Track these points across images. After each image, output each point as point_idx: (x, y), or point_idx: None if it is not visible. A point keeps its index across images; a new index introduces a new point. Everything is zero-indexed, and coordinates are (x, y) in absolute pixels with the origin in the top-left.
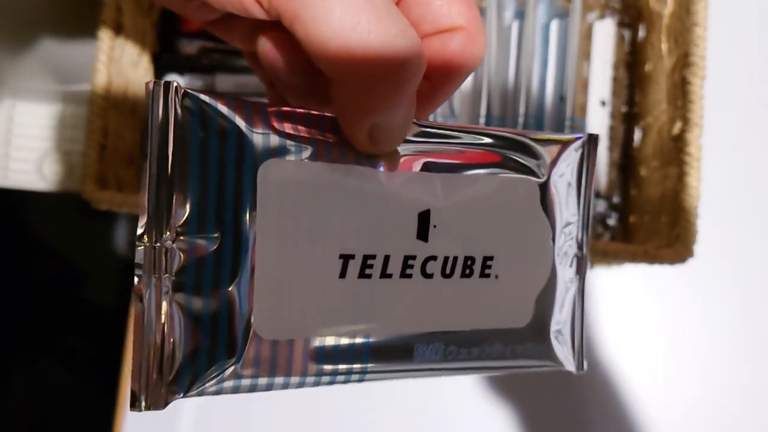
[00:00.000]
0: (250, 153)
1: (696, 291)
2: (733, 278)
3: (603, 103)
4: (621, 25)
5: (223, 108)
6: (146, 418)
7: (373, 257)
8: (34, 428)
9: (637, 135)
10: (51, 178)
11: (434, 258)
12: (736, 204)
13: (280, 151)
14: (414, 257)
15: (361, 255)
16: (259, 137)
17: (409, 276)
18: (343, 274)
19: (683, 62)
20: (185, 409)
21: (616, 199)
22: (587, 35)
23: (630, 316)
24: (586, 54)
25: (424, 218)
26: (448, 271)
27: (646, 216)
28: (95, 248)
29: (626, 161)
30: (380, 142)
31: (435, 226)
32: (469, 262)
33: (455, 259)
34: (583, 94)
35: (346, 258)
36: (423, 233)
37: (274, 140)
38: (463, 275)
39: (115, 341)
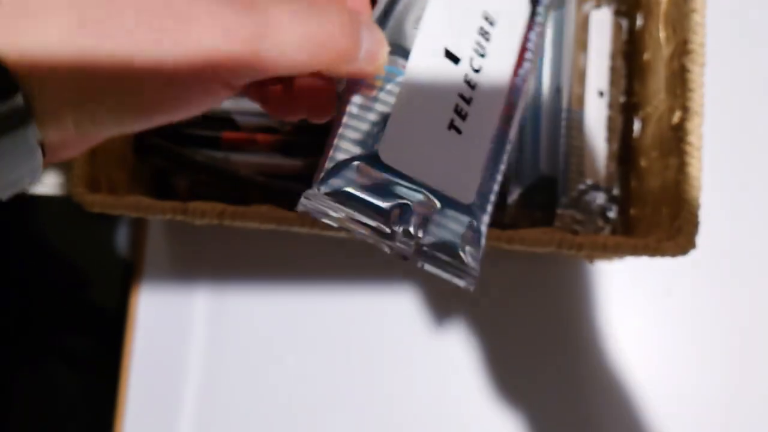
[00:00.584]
0: (367, 160)
1: (702, 282)
2: (737, 270)
3: (601, 94)
4: (618, 13)
5: (333, 166)
6: (146, 418)
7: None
8: (37, 428)
9: (637, 125)
10: (50, 182)
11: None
12: (740, 194)
13: (372, 142)
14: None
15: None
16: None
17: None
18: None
19: (682, 50)
20: (185, 408)
21: (616, 192)
22: (584, 25)
23: (631, 310)
24: (583, 44)
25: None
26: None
27: (647, 208)
28: (97, 250)
29: (626, 152)
30: (375, 53)
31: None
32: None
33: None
34: (581, 85)
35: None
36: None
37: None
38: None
39: (117, 341)
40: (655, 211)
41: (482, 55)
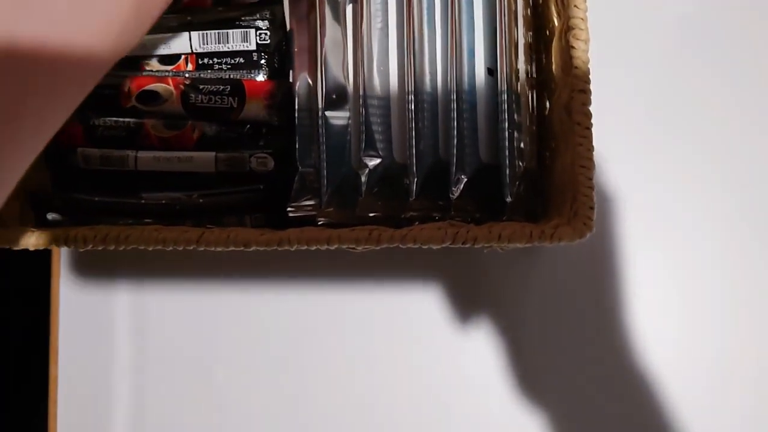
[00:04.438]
0: None
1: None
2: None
3: (518, 71)
4: None
5: None
6: (80, 420)
7: None
8: None
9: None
10: None
11: None
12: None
13: None
14: None
15: None
16: None
17: None
18: None
19: (567, 26)
20: (118, 413)
21: (535, 173)
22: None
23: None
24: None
25: None
26: None
27: (555, 190)
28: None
29: (541, 131)
30: None
31: None
32: None
33: None
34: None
35: None
36: None
37: None
38: None
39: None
40: (561, 194)
41: None
